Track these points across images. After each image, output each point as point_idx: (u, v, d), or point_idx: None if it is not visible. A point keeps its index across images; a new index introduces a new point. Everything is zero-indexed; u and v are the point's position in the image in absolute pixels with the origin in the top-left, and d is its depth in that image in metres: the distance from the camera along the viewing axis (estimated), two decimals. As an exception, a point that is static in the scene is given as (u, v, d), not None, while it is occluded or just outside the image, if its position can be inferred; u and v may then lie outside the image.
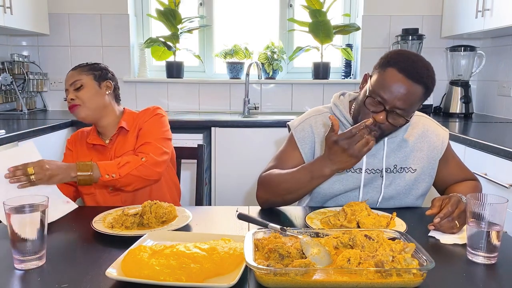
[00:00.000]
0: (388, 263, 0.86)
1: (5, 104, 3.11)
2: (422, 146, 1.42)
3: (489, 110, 3.12)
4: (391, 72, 1.23)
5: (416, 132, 1.44)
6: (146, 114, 1.66)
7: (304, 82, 3.33)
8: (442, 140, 1.45)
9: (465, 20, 2.83)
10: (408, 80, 1.22)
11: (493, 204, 0.99)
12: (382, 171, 1.39)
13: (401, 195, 1.41)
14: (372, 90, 1.26)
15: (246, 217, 1.18)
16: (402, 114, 1.24)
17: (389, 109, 1.23)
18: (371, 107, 1.26)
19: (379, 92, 1.24)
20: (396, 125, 1.26)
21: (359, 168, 1.39)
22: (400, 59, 1.25)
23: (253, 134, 2.77)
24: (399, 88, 1.21)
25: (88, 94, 1.61)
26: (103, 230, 1.14)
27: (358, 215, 1.17)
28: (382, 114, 1.24)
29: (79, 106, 1.60)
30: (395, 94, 1.22)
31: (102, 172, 1.42)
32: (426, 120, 1.49)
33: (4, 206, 0.95)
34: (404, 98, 1.22)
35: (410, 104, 1.24)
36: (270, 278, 0.84)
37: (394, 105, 1.23)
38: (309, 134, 1.43)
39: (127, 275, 0.87)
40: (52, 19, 3.18)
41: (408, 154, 1.41)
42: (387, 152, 1.39)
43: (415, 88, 1.23)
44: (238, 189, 2.77)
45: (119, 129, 1.64)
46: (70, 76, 1.64)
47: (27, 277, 0.92)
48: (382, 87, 1.23)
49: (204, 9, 3.39)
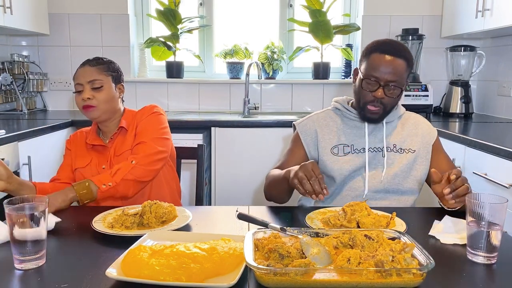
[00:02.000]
0: (388, 263, 0.86)
1: (5, 104, 3.11)
2: (417, 131, 1.60)
3: (489, 110, 3.12)
4: (375, 56, 1.47)
5: (409, 122, 1.62)
6: (144, 112, 1.65)
7: (304, 82, 3.33)
8: (432, 130, 1.62)
9: (465, 20, 2.83)
10: (390, 57, 1.45)
11: (493, 204, 0.99)
12: (383, 149, 1.54)
13: (403, 174, 1.53)
14: (365, 74, 1.48)
15: (246, 217, 1.18)
16: (395, 85, 1.46)
17: (383, 84, 1.45)
18: (368, 87, 1.48)
19: (371, 73, 1.46)
20: (394, 96, 1.48)
21: (362, 148, 1.54)
22: (379, 44, 1.49)
23: (253, 134, 2.77)
24: (386, 64, 1.45)
25: (106, 97, 1.58)
26: (103, 230, 1.14)
27: (358, 215, 1.17)
28: (379, 91, 1.46)
29: (95, 108, 1.57)
30: (384, 71, 1.45)
31: (98, 184, 1.40)
32: (416, 115, 1.67)
33: (4, 206, 0.95)
34: (393, 71, 1.44)
35: (399, 75, 1.45)
36: (270, 278, 0.84)
37: (387, 79, 1.45)
38: (311, 129, 1.60)
39: (127, 275, 0.87)
40: (52, 19, 3.18)
41: (405, 137, 1.57)
42: (386, 133, 1.56)
43: (398, 61, 1.45)
44: (238, 189, 2.77)
45: (120, 128, 1.63)
46: (88, 72, 1.58)
47: (27, 277, 0.92)
48: (372, 69, 1.46)
49: (204, 9, 3.39)
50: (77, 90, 1.59)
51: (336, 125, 1.59)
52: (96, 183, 1.40)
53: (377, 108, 1.48)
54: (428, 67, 3.28)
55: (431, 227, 1.18)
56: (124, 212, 1.22)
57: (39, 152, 2.33)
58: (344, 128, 1.57)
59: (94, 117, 1.60)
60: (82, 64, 1.62)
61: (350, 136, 1.56)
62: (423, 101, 2.94)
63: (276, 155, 2.69)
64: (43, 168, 2.35)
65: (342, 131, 1.57)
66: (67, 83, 3.29)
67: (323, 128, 1.58)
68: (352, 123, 1.58)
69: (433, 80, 3.23)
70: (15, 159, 2.11)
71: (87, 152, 1.66)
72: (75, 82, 1.60)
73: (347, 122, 1.59)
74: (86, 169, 1.62)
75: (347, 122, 1.59)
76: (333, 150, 1.55)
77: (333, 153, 1.54)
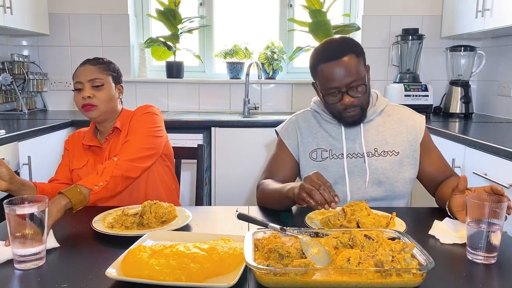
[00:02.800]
0: (388, 263, 0.86)
1: (5, 104, 3.11)
2: (401, 130, 1.49)
3: (489, 110, 3.11)
4: (321, 68, 1.39)
5: (392, 119, 1.51)
6: (136, 112, 1.63)
7: (304, 82, 3.33)
8: (419, 124, 1.51)
9: (465, 20, 2.83)
10: (336, 61, 1.36)
11: (493, 204, 0.99)
12: (364, 155, 1.45)
13: (390, 179, 1.45)
14: (323, 90, 1.41)
15: (246, 217, 1.18)
16: (357, 83, 1.37)
17: (345, 90, 1.37)
18: (333, 100, 1.40)
19: (328, 86, 1.39)
20: (361, 94, 1.39)
21: (341, 154, 1.46)
22: (318, 55, 1.41)
23: (253, 134, 2.77)
24: (337, 71, 1.36)
25: (106, 96, 1.57)
26: (103, 230, 1.14)
27: (358, 215, 1.17)
28: (345, 97, 1.38)
29: (95, 108, 1.55)
30: (339, 77, 1.36)
31: (89, 186, 1.30)
32: (401, 108, 1.57)
33: (4, 206, 0.95)
34: (347, 73, 1.36)
35: (355, 72, 1.37)
36: (270, 278, 0.84)
37: (346, 83, 1.36)
38: (292, 129, 1.55)
39: (127, 275, 0.87)
40: (52, 19, 3.18)
41: (387, 138, 1.48)
42: (364, 137, 1.47)
43: (345, 60, 1.36)
44: (238, 189, 2.77)
45: (114, 129, 1.61)
46: (89, 71, 1.56)
47: (27, 277, 0.92)
48: (326, 82, 1.39)
49: (204, 9, 3.39)
50: (76, 88, 1.57)
51: (315, 127, 1.52)
52: (87, 186, 1.30)
53: (353, 113, 1.41)
54: (428, 67, 3.28)
55: (431, 227, 1.18)
56: (124, 212, 1.22)
57: (39, 152, 2.33)
58: (322, 131, 1.51)
59: (93, 117, 1.58)
60: (82, 63, 1.61)
61: (328, 140, 1.49)
62: (423, 101, 2.95)
63: (276, 155, 2.69)
64: (43, 168, 2.35)
65: (320, 134, 1.50)
66: (67, 83, 3.29)
67: (303, 131, 1.52)
68: (329, 126, 1.50)
69: (433, 80, 3.24)
70: (15, 159, 2.11)
71: (84, 153, 1.64)
72: (75, 80, 1.58)
73: (324, 126, 1.51)
74: (83, 170, 1.60)
75: (324, 126, 1.51)
76: (312, 155, 1.48)
77: (312, 157, 1.48)
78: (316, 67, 1.41)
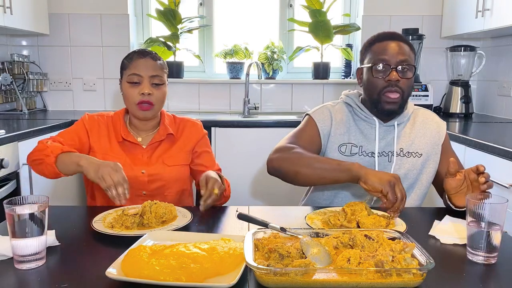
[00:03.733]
0: (388, 263, 0.86)
1: (5, 104, 3.11)
2: (425, 132, 1.52)
3: (489, 110, 3.11)
4: (377, 45, 1.43)
5: (418, 121, 1.54)
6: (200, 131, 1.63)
7: (304, 82, 3.33)
8: (442, 128, 1.56)
9: (465, 20, 2.83)
10: (393, 41, 1.42)
11: (493, 204, 0.99)
12: (393, 153, 1.47)
13: (410, 180, 1.48)
14: (373, 61, 1.41)
15: (246, 217, 1.18)
16: (408, 63, 1.40)
17: (395, 66, 1.39)
18: (380, 74, 1.40)
19: (380, 58, 1.40)
20: (408, 77, 1.40)
21: (371, 152, 1.47)
22: (376, 36, 1.46)
23: (253, 134, 2.77)
24: (392, 47, 1.40)
25: (163, 96, 1.51)
26: (103, 230, 1.14)
27: (358, 215, 1.17)
28: (393, 73, 1.38)
29: (152, 108, 1.49)
30: (392, 53, 1.39)
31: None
32: (424, 110, 1.59)
33: (4, 206, 0.95)
34: (400, 51, 1.40)
35: (408, 55, 1.41)
36: (270, 278, 0.84)
37: (397, 60, 1.39)
38: (328, 116, 1.51)
39: (127, 275, 0.87)
40: (52, 19, 3.18)
41: (413, 140, 1.50)
42: (396, 137, 1.48)
43: (401, 44, 1.42)
44: (238, 189, 2.77)
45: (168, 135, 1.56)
46: (151, 66, 1.48)
47: (27, 277, 0.92)
48: (379, 54, 1.41)
49: (204, 9, 3.39)
50: (132, 81, 1.47)
51: (349, 121, 1.50)
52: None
53: (395, 95, 1.39)
54: (428, 67, 3.28)
55: (431, 227, 1.18)
56: (124, 212, 1.22)
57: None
58: (354, 127, 1.49)
59: (148, 117, 1.51)
60: (140, 54, 1.49)
61: (359, 136, 1.48)
62: (423, 101, 2.95)
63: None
64: (43, 168, 2.35)
65: (353, 129, 1.49)
66: (67, 83, 3.29)
67: (338, 121, 1.49)
68: (363, 124, 1.49)
69: (433, 80, 3.24)
70: (15, 159, 2.11)
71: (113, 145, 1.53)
72: (132, 71, 1.47)
73: (358, 122, 1.50)
74: None
75: (358, 122, 1.50)
76: (341, 149, 1.47)
77: (340, 151, 1.46)
78: (370, 46, 1.45)
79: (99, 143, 1.54)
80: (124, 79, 1.52)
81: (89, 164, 1.30)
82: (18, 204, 0.97)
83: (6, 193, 2.02)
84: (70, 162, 1.34)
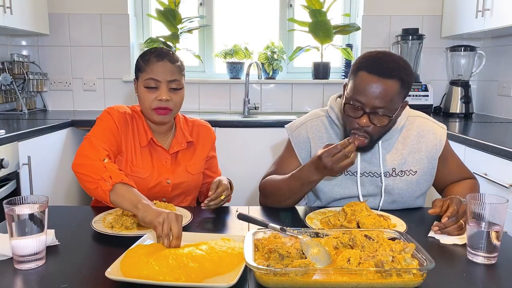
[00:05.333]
0: (388, 263, 0.86)
1: (5, 104, 3.11)
2: (420, 147, 1.41)
3: (489, 110, 3.11)
4: (362, 76, 1.25)
5: (412, 134, 1.42)
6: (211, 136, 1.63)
7: (304, 82, 3.33)
8: (440, 139, 1.43)
9: (465, 20, 2.83)
10: (379, 78, 1.22)
11: (493, 204, 0.99)
12: (381, 175, 1.37)
13: (404, 199, 1.40)
14: (349, 97, 1.27)
15: (246, 217, 1.18)
16: (383, 113, 1.24)
17: (369, 111, 1.24)
18: (351, 113, 1.27)
19: (356, 97, 1.25)
20: (381, 125, 1.26)
21: (355, 172, 1.39)
22: (368, 61, 1.26)
23: (253, 134, 2.76)
24: (373, 88, 1.22)
25: (181, 100, 1.45)
26: (103, 230, 1.14)
27: (358, 215, 1.17)
28: (364, 118, 1.25)
29: (170, 112, 1.42)
30: (371, 95, 1.22)
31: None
32: (421, 120, 1.46)
33: (4, 206, 0.95)
34: (381, 96, 1.22)
35: (389, 101, 1.23)
36: (270, 278, 0.84)
37: (373, 105, 1.23)
38: (305, 139, 1.46)
39: (126, 275, 0.87)
40: (52, 19, 3.18)
41: (406, 156, 1.39)
42: (383, 155, 1.38)
43: (389, 83, 1.22)
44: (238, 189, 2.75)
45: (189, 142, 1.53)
46: (169, 70, 1.39)
47: (27, 277, 0.92)
48: (357, 92, 1.25)
49: (204, 9, 3.39)
50: (149, 86, 1.39)
51: (329, 138, 1.42)
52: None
53: (361, 138, 1.26)
54: (428, 67, 3.28)
55: (431, 227, 1.18)
56: (124, 212, 1.22)
57: (39, 152, 2.32)
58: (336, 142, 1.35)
59: (164, 121, 1.45)
60: (158, 56, 1.40)
61: None
62: (423, 101, 2.95)
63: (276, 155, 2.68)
64: (43, 168, 2.35)
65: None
66: (67, 83, 3.29)
67: (316, 140, 1.43)
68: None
69: (433, 80, 3.24)
70: (15, 159, 2.11)
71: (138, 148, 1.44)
72: (149, 76, 1.38)
73: (340, 137, 1.40)
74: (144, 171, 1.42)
75: (340, 137, 1.40)
76: None
77: None
78: (358, 70, 1.27)
79: (126, 146, 1.43)
80: (140, 82, 1.42)
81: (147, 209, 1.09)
82: (18, 204, 0.97)
83: (6, 193, 2.02)
84: (128, 200, 1.14)
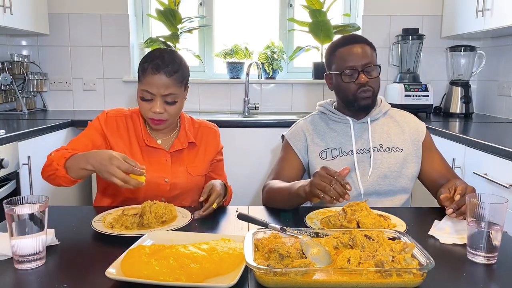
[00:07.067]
0: (388, 263, 0.86)
1: (5, 104, 3.11)
2: (404, 129, 1.59)
3: (489, 110, 3.11)
4: (341, 50, 1.52)
5: (395, 120, 1.62)
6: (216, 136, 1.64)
7: (304, 82, 3.33)
8: (421, 126, 1.62)
9: (465, 20, 2.83)
10: (354, 45, 1.51)
11: (493, 204, 0.99)
12: (370, 150, 1.53)
13: (394, 174, 1.52)
14: (340, 69, 1.51)
15: (246, 217, 1.18)
16: (372, 63, 1.51)
17: (361, 69, 1.49)
18: (349, 79, 1.50)
19: (346, 65, 1.50)
20: (375, 76, 1.51)
21: (350, 150, 1.53)
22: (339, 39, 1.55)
23: (253, 134, 2.77)
24: (355, 51, 1.50)
25: (177, 111, 1.46)
26: (103, 230, 1.14)
27: (358, 215, 1.17)
28: (361, 76, 1.49)
29: (164, 122, 1.45)
30: (357, 56, 1.49)
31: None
32: (402, 112, 1.67)
33: (4, 206, 0.95)
34: (363, 53, 1.50)
35: (370, 55, 1.51)
36: (270, 278, 0.84)
37: (362, 63, 1.49)
38: (299, 131, 1.61)
39: (126, 275, 0.87)
40: (52, 19, 3.18)
41: (392, 136, 1.57)
42: (371, 133, 1.55)
43: (362, 45, 1.51)
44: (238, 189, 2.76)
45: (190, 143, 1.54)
46: (164, 84, 1.40)
47: (27, 277, 0.92)
48: (345, 61, 1.50)
49: (204, 9, 3.39)
50: (144, 98, 1.42)
51: (322, 129, 1.59)
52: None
53: (368, 93, 1.50)
54: (428, 67, 3.28)
55: (431, 227, 1.18)
56: (124, 212, 1.22)
57: (39, 152, 2.32)
58: (330, 132, 1.58)
59: (160, 129, 1.49)
60: (155, 68, 1.40)
61: (337, 139, 1.56)
62: (423, 101, 2.94)
63: (276, 155, 2.68)
64: (43, 168, 2.35)
65: (329, 135, 1.57)
66: (67, 83, 3.29)
67: (311, 133, 1.58)
68: (338, 126, 1.58)
69: (433, 80, 3.24)
70: (15, 159, 2.11)
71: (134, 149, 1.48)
72: (144, 88, 1.41)
73: (332, 126, 1.59)
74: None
75: (332, 126, 1.59)
76: (322, 155, 1.54)
77: (322, 157, 1.54)
78: (333, 52, 1.53)
79: (117, 147, 1.48)
80: (138, 89, 1.45)
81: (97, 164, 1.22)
82: (18, 204, 0.97)
83: (6, 193, 2.02)
84: (78, 168, 1.27)
